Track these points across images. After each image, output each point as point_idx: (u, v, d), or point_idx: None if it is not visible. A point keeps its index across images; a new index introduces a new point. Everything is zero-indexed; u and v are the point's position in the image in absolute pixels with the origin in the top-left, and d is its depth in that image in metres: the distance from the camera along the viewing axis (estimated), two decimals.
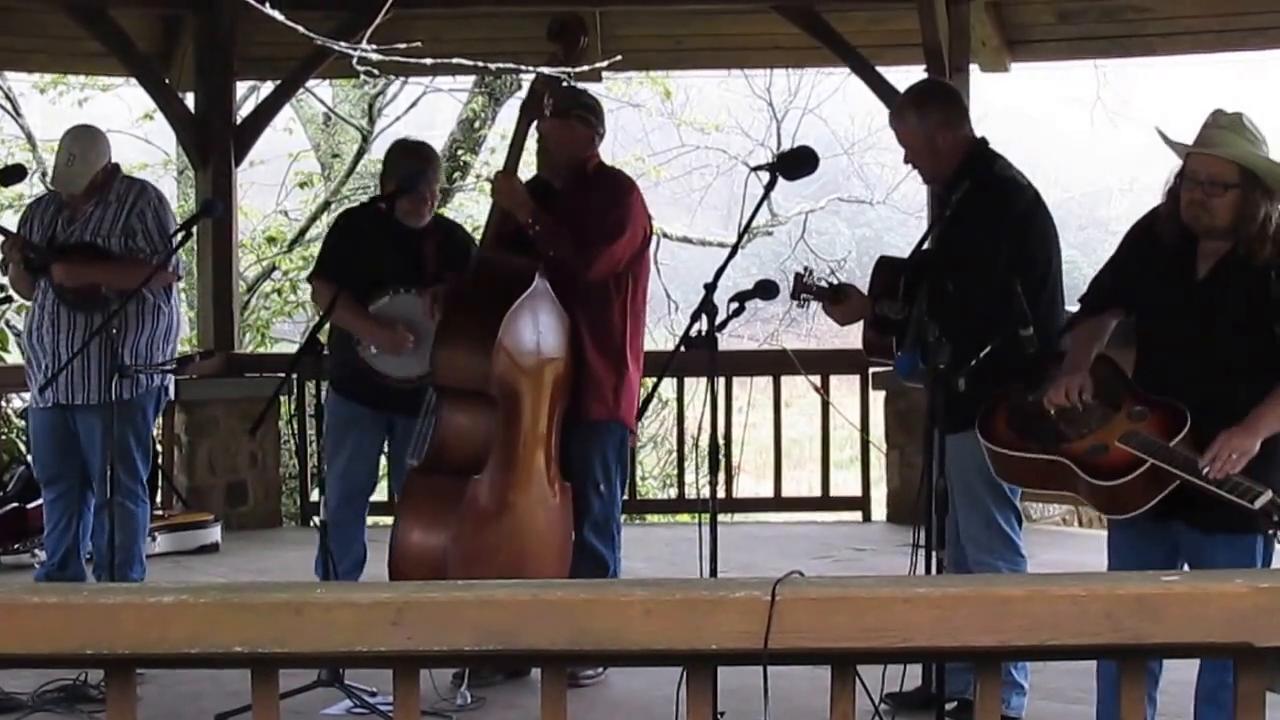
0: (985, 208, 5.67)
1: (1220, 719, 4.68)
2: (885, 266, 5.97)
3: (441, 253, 6.84)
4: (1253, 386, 4.69)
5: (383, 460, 7.37)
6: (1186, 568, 4.87)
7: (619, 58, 4.71)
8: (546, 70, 5.61)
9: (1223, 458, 4.54)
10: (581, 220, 6.34)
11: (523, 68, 5.16)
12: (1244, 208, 4.64)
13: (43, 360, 7.10)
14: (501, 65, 4.28)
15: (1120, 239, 5.11)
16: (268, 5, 2.87)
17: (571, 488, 6.50)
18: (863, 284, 6.12)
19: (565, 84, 6.22)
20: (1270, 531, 4.47)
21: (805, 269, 6.05)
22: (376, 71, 3.15)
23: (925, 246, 5.88)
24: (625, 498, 11.33)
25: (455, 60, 3.33)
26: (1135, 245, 5.00)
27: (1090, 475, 4.75)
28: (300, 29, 2.97)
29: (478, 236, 6.90)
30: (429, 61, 3.29)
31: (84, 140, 7.04)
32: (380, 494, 7.75)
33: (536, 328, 6.31)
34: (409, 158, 6.98)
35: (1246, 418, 4.61)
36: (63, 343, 7.02)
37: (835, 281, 5.98)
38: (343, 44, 3.20)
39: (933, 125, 5.80)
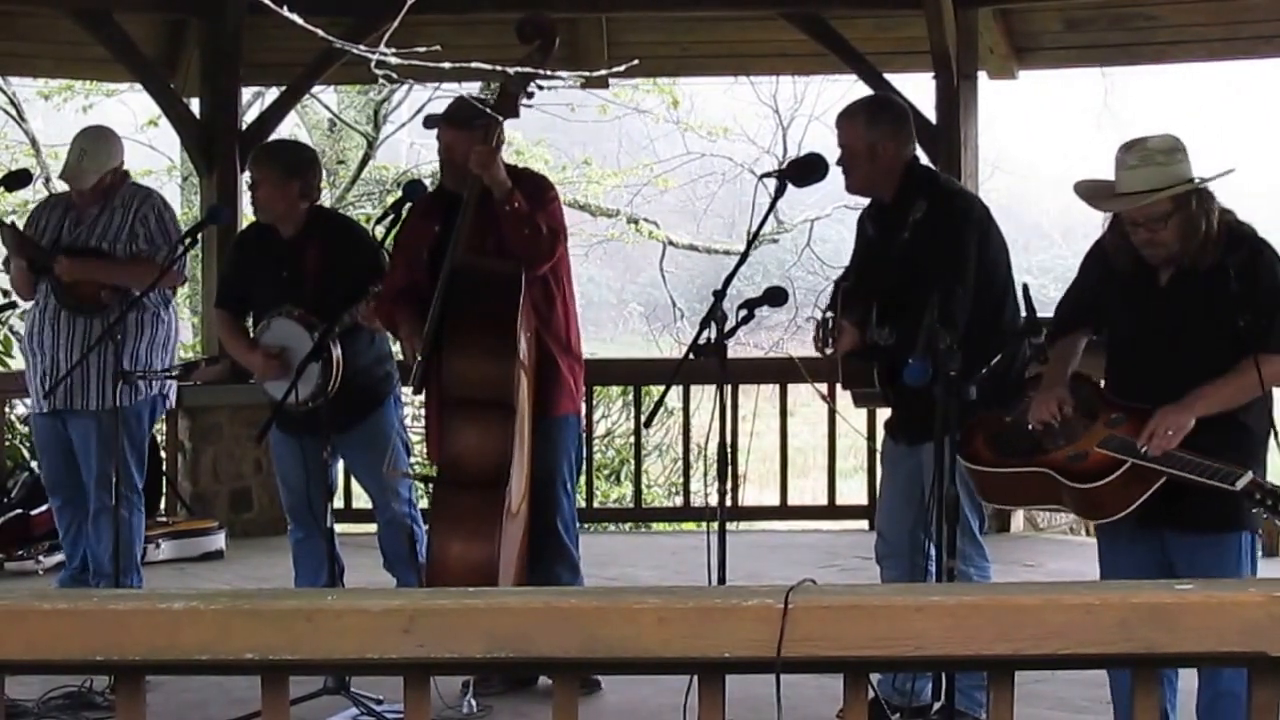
0: (949, 223, 5.74)
1: None
2: (853, 296, 5.95)
3: (325, 259, 6.57)
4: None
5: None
6: (1175, 572, 4.94)
7: (635, 61, 4.69)
8: (563, 74, 5.56)
9: (1159, 434, 4.72)
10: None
11: (540, 72, 5.13)
12: (1187, 225, 4.81)
13: (40, 364, 7.09)
14: (519, 70, 4.26)
15: (1080, 265, 5.26)
16: (285, 8, 2.85)
17: (539, 485, 6.46)
18: None
19: (530, 85, 6.19)
20: (1257, 510, 4.65)
21: (825, 318, 5.99)
22: (395, 75, 3.12)
23: (872, 267, 5.93)
24: (631, 506, 11.42)
25: (473, 65, 3.30)
26: (1094, 268, 5.15)
27: (1072, 481, 4.86)
28: (319, 32, 2.95)
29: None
30: (447, 66, 3.27)
31: (97, 139, 7.07)
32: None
33: (524, 332, 6.28)
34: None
35: (1184, 397, 4.79)
36: (62, 347, 7.01)
37: (829, 319, 5.94)
38: (361, 47, 3.17)
39: (879, 134, 5.83)
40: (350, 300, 6.24)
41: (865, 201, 6.19)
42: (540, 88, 6.24)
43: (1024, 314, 5.15)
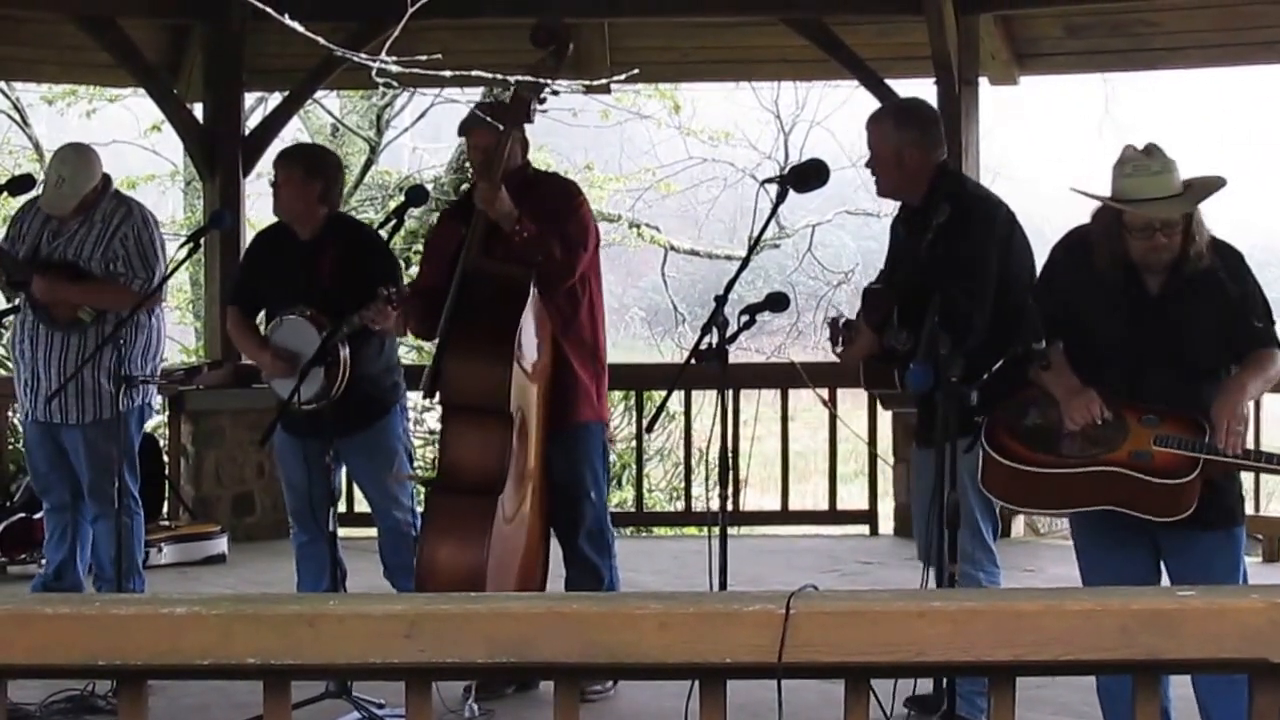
0: (970, 228, 5.77)
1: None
2: (874, 297, 5.97)
3: (341, 263, 6.56)
4: (1218, 384, 4.95)
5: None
6: (1164, 567, 5.02)
7: (636, 70, 4.70)
8: (566, 82, 5.58)
9: (1233, 430, 4.80)
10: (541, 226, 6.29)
11: (542, 80, 5.14)
12: (1195, 232, 4.87)
13: (22, 374, 7.09)
14: (520, 78, 4.27)
15: (1043, 272, 5.28)
16: (286, 17, 2.86)
17: (560, 495, 6.49)
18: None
19: (543, 91, 6.19)
20: None
21: (837, 317, 6.02)
22: (396, 84, 3.15)
23: (900, 270, 5.97)
24: (633, 510, 11.44)
25: (474, 73, 3.31)
26: (1071, 271, 5.13)
27: (1155, 477, 4.86)
28: (321, 40, 2.96)
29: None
30: (448, 74, 3.28)
31: (73, 163, 6.99)
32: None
33: (534, 338, 6.29)
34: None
35: (1224, 391, 4.86)
36: (40, 359, 6.99)
37: (847, 320, 5.97)
38: (363, 55, 3.19)
39: (905, 141, 5.89)
40: (360, 303, 6.22)
41: (865, 207, 6.23)
42: (555, 93, 6.24)
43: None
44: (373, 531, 7.22)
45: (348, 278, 6.44)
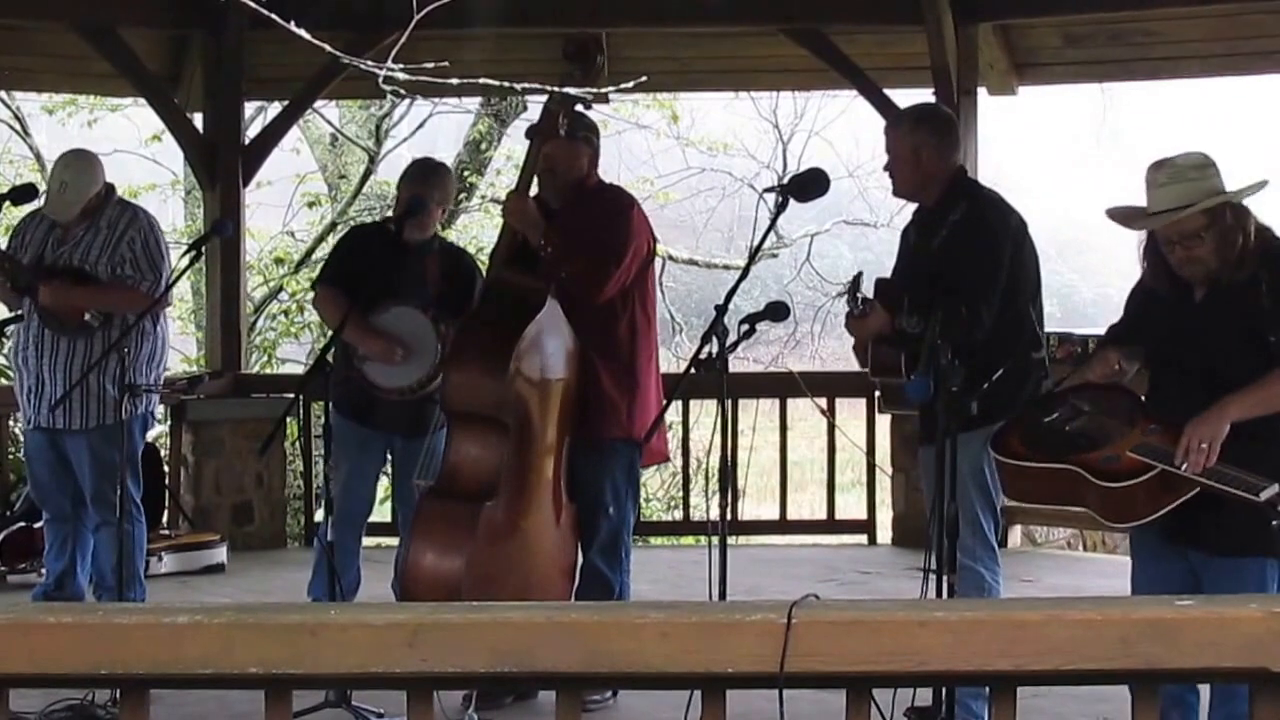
0: (985, 227, 5.81)
1: None
2: (887, 286, 6.00)
3: (445, 274, 6.86)
4: None
5: (384, 481, 7.39)
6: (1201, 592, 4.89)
7: (644, 78, 4.70)
8: (569, 90, 5.62)
9: (1194, 449, 4.60)
10: (582, 239, 6.32)
11: (548, 88, 5.16)
12: (1223, 240, 4.76)
13: (26, 380, 7.09)
14: (527, 86, 4.29)
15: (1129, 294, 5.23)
16: (293, 23, 2.88)
17: (580, 509, 6.50)
18: None
19: (576, 105, 6.23)
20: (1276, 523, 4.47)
21: (860, 275, 6.08)
22: (403, 92, 3.16)
23: (912, 265, 5.98)
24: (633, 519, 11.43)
25: (481, 81, 3.32)
26: (1139, 292, 5.11)
27: (1101, 480, 4.76)
28: (326, 47, 2.98)
29: (483, 258, 6.93)
30: (455, 81, 3.29)
31: (76, 167, 7.02)
32: (381, 515, 7.74)
33: (548, 350, 6.31)
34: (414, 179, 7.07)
35: (1213, 405, 4.67)
36: (45, 365, 7.00)
37: (865, 296, 6.02)
38: (369, 62, 3.20)
39: (921, 142, 5.94)
40: (459, 308, 6.65)
41: (862, 217, 6.26)
42: (588, 105, 6.30)
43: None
44: (376, 540, 7.26)
45: (449, 283, 6.77)
